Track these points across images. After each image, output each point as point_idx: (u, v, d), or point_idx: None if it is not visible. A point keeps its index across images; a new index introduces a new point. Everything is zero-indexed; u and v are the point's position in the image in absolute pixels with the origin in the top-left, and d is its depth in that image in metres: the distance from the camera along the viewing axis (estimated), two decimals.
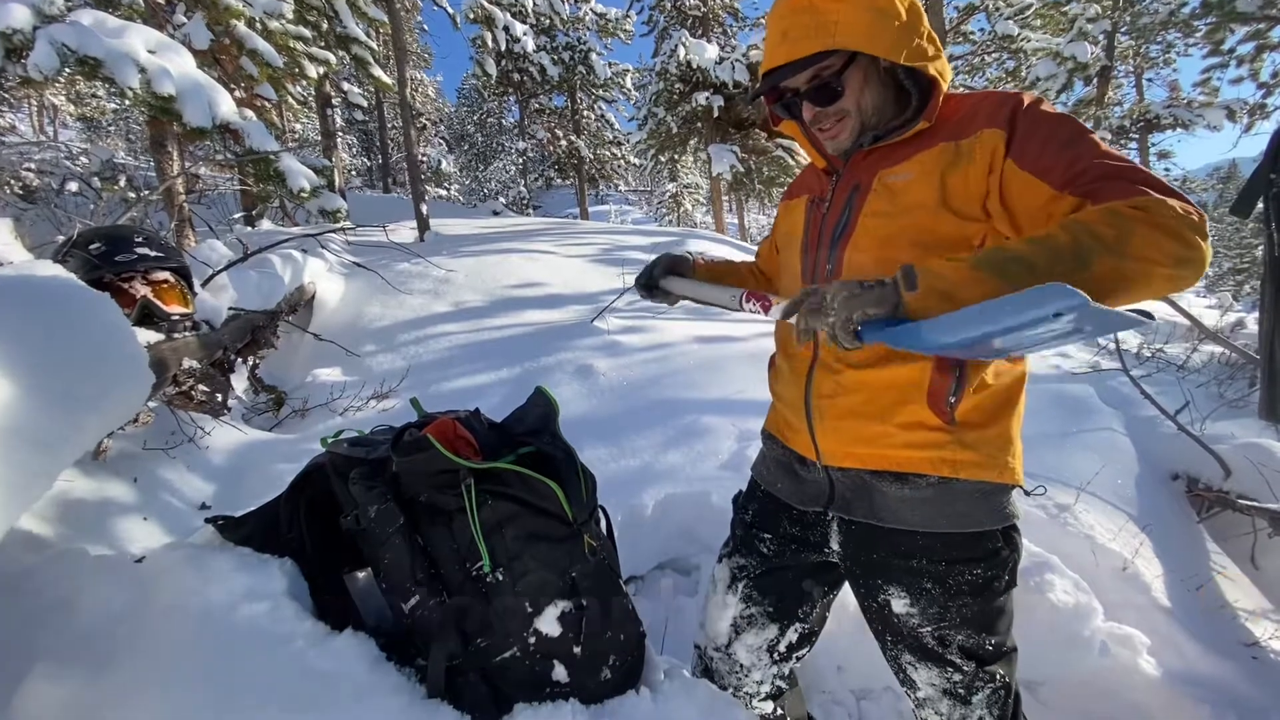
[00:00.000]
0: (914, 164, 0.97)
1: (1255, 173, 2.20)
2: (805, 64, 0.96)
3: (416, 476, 1.13)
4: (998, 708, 1.07)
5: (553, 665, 1.06)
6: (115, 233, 1.75)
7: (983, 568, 1.01)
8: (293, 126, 11.81)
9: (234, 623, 0.98)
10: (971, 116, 0.95)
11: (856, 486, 1.06)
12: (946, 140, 0.95)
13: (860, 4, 0.93)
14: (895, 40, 0.94)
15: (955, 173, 0.93)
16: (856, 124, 1.01)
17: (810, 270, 1.09)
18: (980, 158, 0.91)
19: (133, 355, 1.08)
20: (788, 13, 0.97)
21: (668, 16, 15.28)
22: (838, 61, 0.97)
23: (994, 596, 1.03)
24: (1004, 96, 0.94)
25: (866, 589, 1.12)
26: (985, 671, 1.05)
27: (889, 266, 0.88)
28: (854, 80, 0.98)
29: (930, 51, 0.96)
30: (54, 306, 0.97)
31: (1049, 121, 0.89)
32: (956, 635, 1.05)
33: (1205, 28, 8.57)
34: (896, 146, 1.00)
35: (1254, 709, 1.87)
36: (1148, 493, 2.81)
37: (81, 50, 3.06)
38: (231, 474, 2.40)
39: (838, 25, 0.93)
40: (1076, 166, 0.83)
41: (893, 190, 0.98)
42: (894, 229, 0.97)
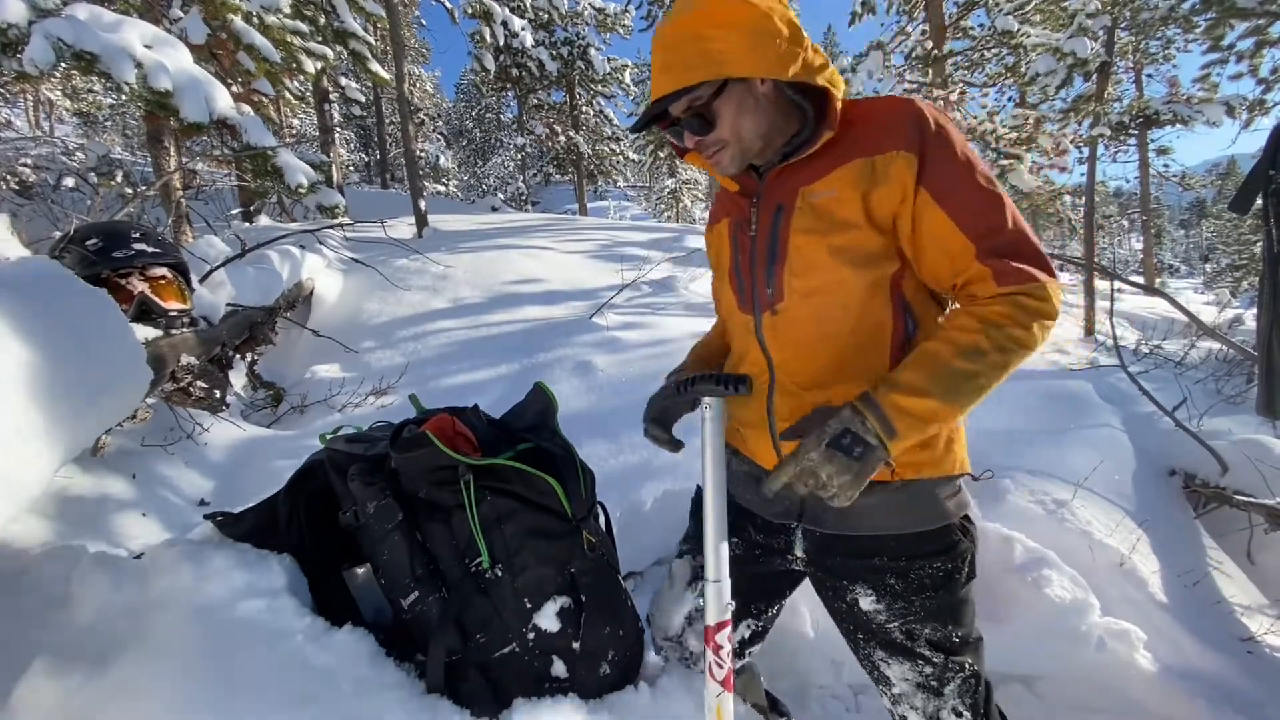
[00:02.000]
0: (834, 181, 0.98)
1: (1254, 169, 2.21)
2: (681, 94, 0.96)
3: (415, 473, 1.13)
4: (969, 696, 1.10)
5: (552, 661, 1.07)
6: (112, 229, 1.74)
7: (943, 560, 1.05)
8: (290, 122, 11.77)
9: (233, 618, 0.98)
10: (883, 129, 0.97)
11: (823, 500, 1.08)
12: (862, 156, 0.97)
13: (741, 31, 0.93)
14: (778, 60, 0.93)
15: (875, 192, 0.96)
16: (736, 151, 1.01)
17: (749, 296, 1.09)
18: (895, 180, 0.94)
19: (131, 351, 1.07)
20: (674, 43, 0.96)
21: (666, 11, 15.20)
22: (708, 91, 0.96)
23: (956, 589, 1.07)
24: (909, 112, 0.96)
25: (833, 591, 1.14)
26: (954, 662, 1.09)
27: (829, 289, 0.98)
28: (726, 109, 0.98)
29: (818, 63, 0.97)
30: (51, 303, 0.97)
31: (959, 155, 0.95)
32: (923, 629, 1.08)
33: (1205, 24, 8.55)
34: (810, 160, 1.01)
35: (1250, 703, 1.88)
36: (1145, 488, 2.82)
37: (77, 45, 3.04)
38: (230, 470, 2.40)
39: (723, 54, 0.93)
40: (984, 223, 0.92)
41: (817, 208, 0.99)
42: (827, 248, 0.98)
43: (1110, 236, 28.05)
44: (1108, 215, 23.40)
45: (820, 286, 1.00)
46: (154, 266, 1.71)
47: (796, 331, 1.04)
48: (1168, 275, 30.02)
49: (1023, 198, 12.38)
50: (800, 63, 0.95)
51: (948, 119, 0.97)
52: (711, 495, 0.97)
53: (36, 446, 0.81)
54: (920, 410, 0.88)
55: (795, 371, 1.05)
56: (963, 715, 1.11)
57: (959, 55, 11.54)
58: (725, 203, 1.19)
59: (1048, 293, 0.90)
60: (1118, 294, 6.94)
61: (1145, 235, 15.85)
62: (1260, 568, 2.66)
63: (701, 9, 0.95)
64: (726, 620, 0.98)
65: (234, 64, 5.11)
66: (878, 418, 0.88)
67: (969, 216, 0.92)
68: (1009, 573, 2.17)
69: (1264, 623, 2.25)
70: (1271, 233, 2.16)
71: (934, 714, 1.12)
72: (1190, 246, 45.26)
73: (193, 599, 1.01)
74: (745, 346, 1.13)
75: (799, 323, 1.03)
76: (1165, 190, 23.79)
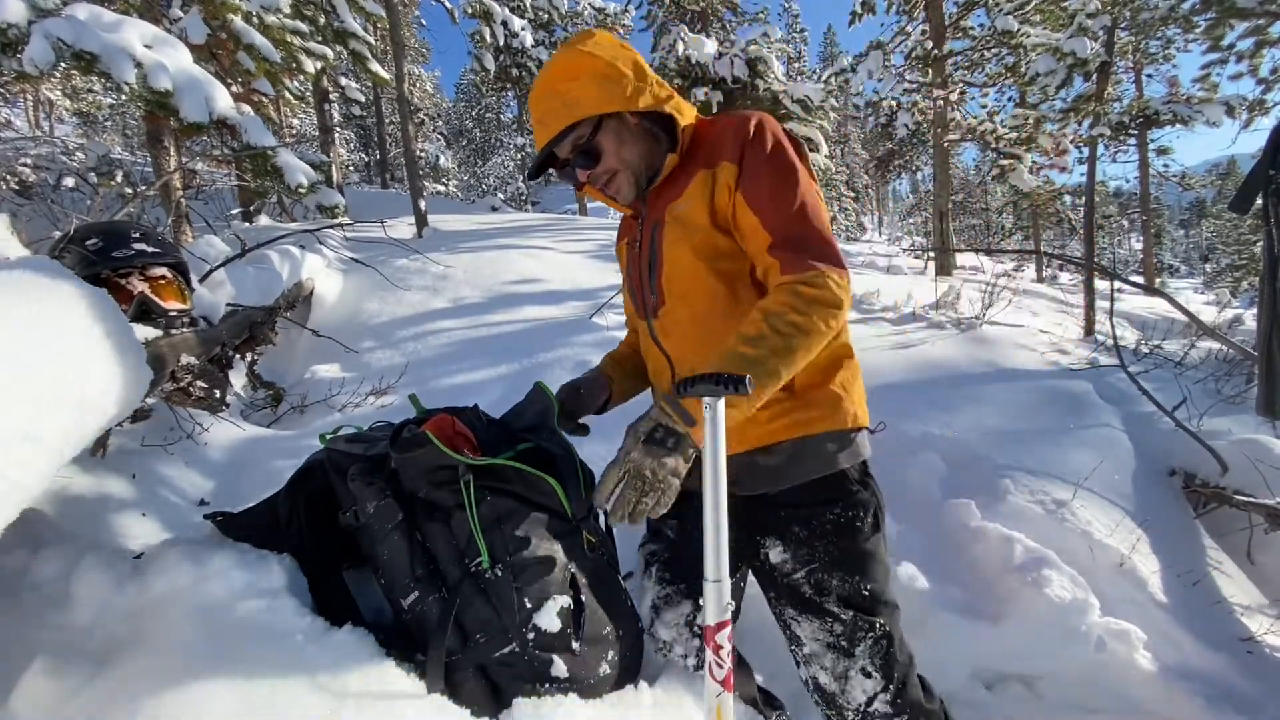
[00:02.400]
0: (689, 193, 1.14)
1: (1254, 169, 2.21)
2: (561, 137, 1.13)
3: (415, 473, 1.13)
4: (880, 657, 1.14)
5: (552, 661, 1.06)
6: (112, 228, 1.73)
7: (841, 508, 1.16)
8: (290, 122, 11.76)
9: (233, 618, 0.98)
10: (718, 144, 1.13)
11: (742, 466, 1.17)
12: (705, 168, 1.13)
13: (589, 78, 1.10)
14: (628, 95, 1.10)
15: (715, 198, 1.12)
16: (629, 176, 1.18)
17: (641, 304, 1.26)
18: (724, 186, 1.10)
19: (131, 351, 1.07)
20: (539, 100, 1.14)
21: (666, 11, 15.22)
22: (587, 129, 1.14)
23: (858, 537, 1.16)
24: (738, 125, 1.12)
25: (751, 550, 1.23)
26: (864, 620, 1.13)
27: (697, 288, 1.15)
28: (607, 141, 1.15)
29: (663, 95, 1.14)
30: (51, 302, 0.97)
31: (767, 159, 1.09)
32: (830, 580, 1.15)
33: (1205, 24, 8.54)
34: (675, 179, 1.17)
35: (1249, 703, 1.88)
36: (1145, 488, 2.82)
37: (77, 45, 3.04)
38: (230, 470, 2.40)
39: (577, 100, 1.10)
40: (780, 220, 1.06)
41: (680, 219, 1.15)
42: (688, 251, 1.14)
43: (1110, 236, 28.06)
44: (1108, 215, 23.40)
45: (690, 287, 1.16)
46: (154, 266, 1.71)
47: (681, 329, 1.18)
48: (1168, 275, 30.02)
49: (1023, 198, 12.40)
50: (649, 95, 1.12)
51: (775, 129, 1.13)
52: (711, 495, 0.97)
53: (36, 447, 0.81)
54: None
55: (690, 363, 1.17)
56: (872, 676, 1.14)
57: (959, 55, 11.53)
58: (625, 225, 1.36)
59: (826, 281, 1.01)
60: (1118, 294, 6.94)
61: (1145, 235, 15.85)
62: (1260, 568, 2.66)
63: (554, 68, 1.13)
64: (727, 620, 0.98)
65: (234, 64, 5.11)
66: (677, 410, 0.99)
67: (769, 215, 1.06)
68: (1009, 573, 2.17)
69: (1264, 623, 2.25)
70: (1272, 233, 2.16)
71: (843, 674, 1.15)
72: (1190, 246, 45.26)
73: (193, 599, 1.01)
74: (648, 347, 1.28)
75: (680, 321, 1.18)
76: (1165, 190, 23.80)
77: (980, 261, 13.22)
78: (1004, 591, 2.14)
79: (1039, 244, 16.87)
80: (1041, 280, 12.90)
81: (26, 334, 0.87)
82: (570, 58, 1.12)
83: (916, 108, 12.25)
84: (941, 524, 2.52)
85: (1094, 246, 6.08)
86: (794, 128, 9.03)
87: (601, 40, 1.15)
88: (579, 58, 1.12)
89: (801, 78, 24.97)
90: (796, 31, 32.03)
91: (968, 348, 4.30)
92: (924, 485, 2.76)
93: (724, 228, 1.13)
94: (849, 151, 25.98)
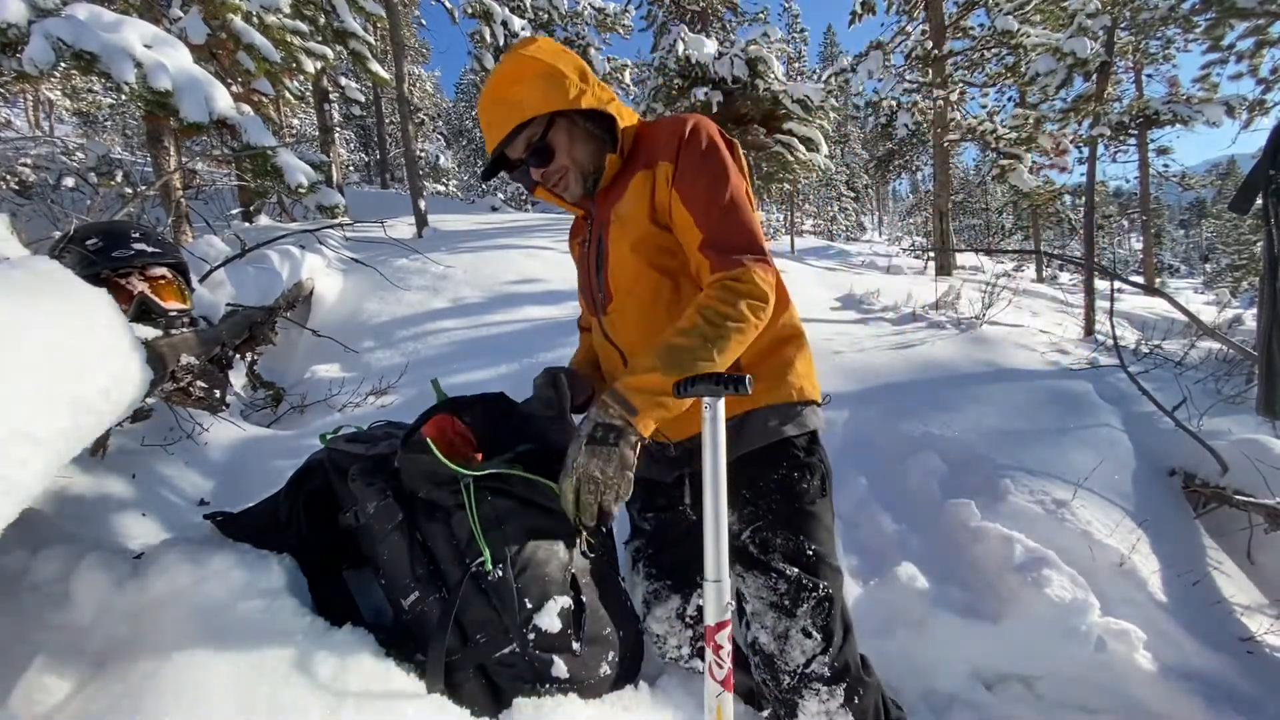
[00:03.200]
0: (630, 190, 1.19)
1: (1254, 169, 2.20)
2: (512, 137, 1.16)
3: (415, 473, 1.13)
4: (821, 618, 1.17)
5: (552, 661, 1.06)
6: (112, 228, 1.73)
7: (786, 468, 1.21)
8: (290, 122, 11.76)
9: (233, 618, 0.98)
10: (658, 143, 1.17)
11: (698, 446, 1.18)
12: (645, 168, 1.18)
13: (533, 79, 1.14)
14: (572, 96, 1.14)
15: (655, 196, 1.17)
16: (577, 174, 1.22)
17: (591, 302, 1.31)
18: (661, 184, 1.15)
19: (130, 351, 1.07)
20: (488, 105, 1.18)
21: (666, 11, 15.22)
22: (539, 128, 1.17)
23: (803, 497, 1.21)
24: (676, 126, 1.17)
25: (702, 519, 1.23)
26: (808, 580, 1.16)
27: (640, 283, 1.20)
28: (559, 139, 1.19)
29: (605, 97, 1.19)
30: (50, 302, 0.97)
31: (701, 157, 1.14)
32: (775, 538, 1.18)
33: (1205, 23, 8.53)
34: (619, 180, 1.22)
35: (1249, 703, 1.88)
36: (1145, 488, 2.82)
37: (77, 44, 3.04)
38: (230, 470, 2.40)
39: (523, 101, 1.14)
40: (710, 219, 1.12)
41: (622, 218, 1.20)
42: (629, 247, 1.19)
43: (1110, 236, 28.06)
44: (1108, 215, 23.39)
45: (634, 283, 1.21)
46: (154, 266, 1.71)
47: (628, 323, 1.24)
48: (1167, 275, 30.00)
49: (1023, 197, 12.39)
50: (591, 96, 1.16)
51: (711, 130, 1.17)
52: (711, 495, 0.98)
53: (35, 447, 0.81)
54: (650, 385, 1.03)
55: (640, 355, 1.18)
56: (812, 636, 1.16)
57: (959, 55, 11.53)
58: (577, 225, 1.40)
59: (751, 276, 1.08)
60: (1118, 294, 6.94)
61: (1145, 235, 15.85)
62: (1260, 567, 2.66)
63: (500, 75, 1.17)
64: (727, 620, 0.98)
65: (234, 64, 5.11)
66: (618, 401, 1.04)
67: (701, 213, 1.12)
68: (1009, 572, 2.17)
69: (1264, 622, 2.25)
70: (1272, 233, 2.16)
71: (784, 633, 1.17)
72: (1190, 246, 45.25)
73: (193, 599, 1.01)
74: (601, 343, 1.33)
75: (627, 316, 1.24)
76: (1165, 190, 23.79)
77: (980, 261, 13.23)
78: (1004, 591, 2.14)
79: (1039, 244, 16.86)
80: (1041, 280, 12.89)
81: (26, 334, 0.87)
82: (514, 62, 1.17)
83: (916, 108, 12.25)
84: (941, 524, 2.52)
85: (1094, 246, 6.08)
86: (794, 128, 9.04)
87: (544, 45, 1.20)
88: (522, 61, 1.16)
89: (801, 78, 24.96)
90: (796, 31, 32.01)
91: (968, 348, 4.30)
92: (924, 485, 2.76)
93: (663, 224, 1.18)
94: (849, 151, 25.98)
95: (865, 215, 32.09)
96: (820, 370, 1.38)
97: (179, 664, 0.87)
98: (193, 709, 0.81)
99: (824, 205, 27.70)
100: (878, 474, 2.89)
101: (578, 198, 1.26)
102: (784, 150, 10.57)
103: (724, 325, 1.05)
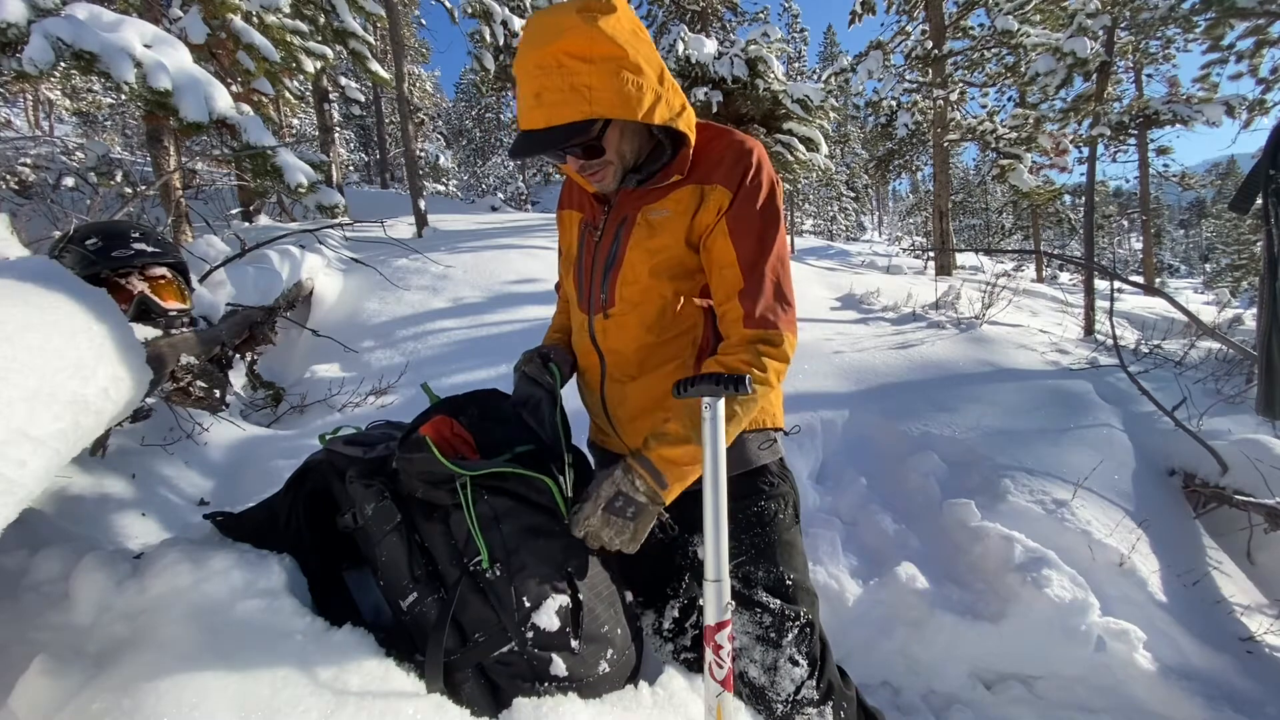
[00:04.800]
0: (671, 201, 1.12)
1: (1254, 169, 2.20)
2: (569, 130, 1.00)
3: (413, 473, 1.13)
4: (805, 645, 1.19)
5: (551, 659, 1.06)
6: (112, 228, 1.73)
7: (765, 500, 1.21)
8: (290, 121, 11.76)
9: (233, 618, 0.98)
10: (716, 163, 1.11)
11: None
12: (696, 183, 1.11)
13: (607, 69, 0.97)
14: (641, 104, 1.01)
15: (699, 215, 1.10)
16: (619, 169, 1.13)
17: (587, 297, 1.24)
18: (712, 206, 1.09)
19: (130, 351, 1.07)
20: (537, 72, 0.97)
21: (666, 11, 15.21)
22: (596, 128, 1.04)
23: (780, 528, 1.21)
24: (742, 155, 1.10)
25: (683, 548, 1.26)
26: (790, 610, 1.18)
27: (652, 297, 1.14)
28: (612, 137, 1.08)
29: (677, 105, 1.07)
30: (50, 302, 0.97)
31: (764, 200, 1.09)
32: (757, 571, 1.19)
33: (1205, 23, 8.53)
34: (656, 185, 1.14)
35: (1249, 702, 1.88)
36: (1145, 488, 2.82)
37: (77, 44, 3.04)
38: (230, 470, 2.40)
39: (591, 91, 0.97)
40: (757, 261, 1.08)
41: (653, 225, 1.13)
42: (654, 263, 1.13)
43: (1110, 236, 28.05)
44: (1107, 215, 23.39)
45: (644, 296, 1.15)
46: (154, 266, 1.71)
47: (625, 334, 1.18)
48: (1167, 275, 30.01)
49: (1022, 197, 12.39)
50: (664, 107, 1.04)
51: (773, 173, 1.13)
52: (711, 494, 0.98)
53: (34, 446, 0.81)
54: (683, 456, 1.03)
55: (622, 365, 1.21)
56: (799, 664, 1.18)
57: (959, 55, 11.53)
58: (579, 194, 1.28)
59: (783, 339, 1.08)
60: (1117, 294, 6.93)
61: (1145, 235, 15.84)
62: (1260, 567, 2.66)
63: (569, 39, 0.95)
64: (727, 620, 0.99)
65: (233, 63, 5.11)
66: (649, 471, 1.04)
67: (748, 254, 1.08)
68: (1009, 572, 2.17)
69: (1263, 622, 2.25)
70: (1272, 232, 2.16)
71: (772, 665, 1.18)
72: (1190, 246, 45.25)
73: (193, 599, 1.01)
74: (581, 341, 1.28)
75: (627, 327, 1.18)
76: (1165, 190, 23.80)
77: (980, 261, 13.22)
78: (1004, 591, 2.14)
79: (1039, 244, 16.86)
80: (1041, 280, 12.90)
81: (25, 334, 0.87)
82: (587, 32, 0.95)
83: (916, 107, 12.25)
84: (941, 524, 2.52)
85: (1094, 246, 6.08)
86: (794, 127, 9.03)
87: (624, 19, 1.00)
88: (596, 36, 0.96)
89: (801, 77, 24.96)
90: (796, 31, 32.01)
91: (967, 348, 4.30)
92: (924, 485, 2.76)
93: (695, 244, 1.13)
94: (849, 151, 25.97)
95: (865, 215, 32.08)
96: (820, 370, 1.40)
97: (178, 664, 0.87)
98: (192, 709, 0.81)
99: (824, 205, 27.70)
100: (878, 474, 2.89)
101: (610, 189, 1.16)
102: (784, 150, 10.58)
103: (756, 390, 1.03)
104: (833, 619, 2.09)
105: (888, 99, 12.64)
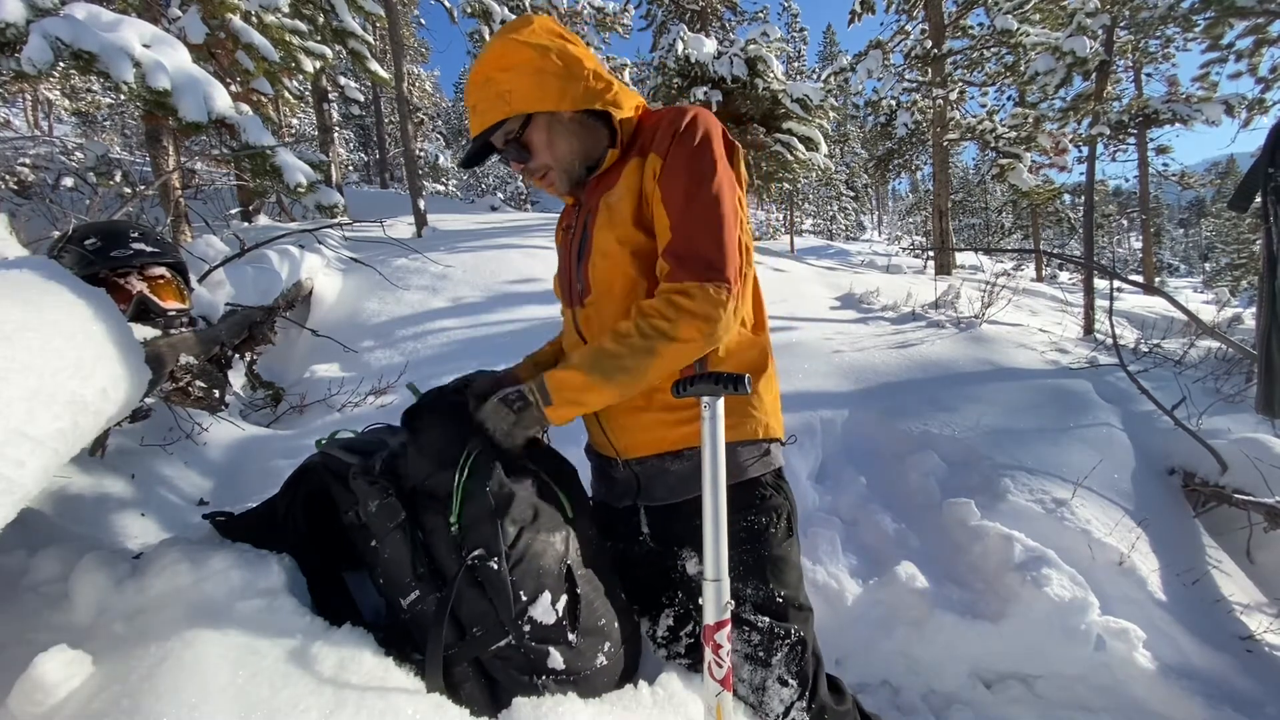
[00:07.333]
0: (622, 180, 1.12)
1: (1253, 168, 2.20)
2: (494, 129, 1.11)
3: (422, 450, 1.14)
4: (796, 664, 1.16)
5: (548, 652, 1.06)
6: (111, 228, 1.73)
7: (755, 513, 1.17)
8: (289, 121, 11.75)
9: (232, 617, 0.98)
10: (653, 133, 1.11)
11: (652, 473, 1.21)
12: (639, 156, 1.11)
13: (524, 70, 1.07)
14: (559, 92, 1.08)
15: (644, 185, 1.10)
16: (559, 172, 1.17)
17: (568, 292, 1.24)
18: (648, 176, 1.09)
19: (129, 351, 1.07)
20: (472, 89, 1.12)
21: (665, 10, 15.22)
22: (516, 124, 1.12)
23: (772, 543, 1.17)
24: (675, 116, 1.10)
25: (670, 561, 1.24)
26: (780, 628, 1.15)
27: (622, 280, 1.12)
28: (537, 137, 1.13)
29: (599, 88, 1.11)
30: (48, 302, 0.96)
31: (690, 155, 1.06)
32: (746, 588, 1.16)
33: (1204, 23, 8.54)
34: (612, 169, 1.16)
35: (1249, 701, 1.88)
36: (1144, 487, 2.83)
37: (75, 44, 3.03)
38: (229, 470, 2.40)
39: (511, 94, 1.08)
40: (681, 224, 1.05)
41: (611, 208, 1.13)
42: (613, 242, 1.13)
43: (1110, 235, 28.07)
44: (1107, 214, 23.40)
45: (613, 278, 1.14)
46: (153, 266, 1.70)
47: (604, 321, 1.16)
48: (1167, 274, 30.02)
49: (1022, 197, 12.39)
50: (582, 92, 1.09)
51: (709, 123, 1.10)
52: (710, 495, 0.98)
53: (33, 446, 0.81)
54: (570, 382, 1.05)
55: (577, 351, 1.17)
56: (789, 684, 1.15)
57: (958, 54, 11.53)
58: (566, 212, 1.33)
59: (702, 294, 1.02)
60: (1117, 293, 6.94)
61: (1144, 234, 15.85)
62: (1259, 566, 2.66)
63: (490, 57, 1.10)
64: (726, 620, 0.98)
65: (233, 63, 5.10)
66: (539, 388, 1.07)
67: (676, 215, 1.06)
68: (1009, 572, 2.17)
69: (1263, 621, 2.25)
70: (1271, 231, 2.16)
71: (760, 685, 1.16)
72: (1189, 245, 45.27)
73: (192, 599, 1.01)
74: (569, 337, 1.28)
75: (603, 313, 1.16)
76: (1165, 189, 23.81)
77: (980, 261, 13.23)
78: (1004, 591, 2.14)
79: (1038, 243, 16.86)
80: (1041, 279, 12.90)
81: (24, 334, 0.87)
82: (504, 46, 1.09)
83: (916, 107, 12.26)
84: (941, 523, 2.52)
85: (1093, 246, 6.08)
86: (793, 127, 9.04)
87: (539, 29, 1.11)
88: (512, 48, 1.08)
89: (801, 77, 24.95)
90: (796, 31, 32.02)
91: (967, 347, 4.31)
92: (924, 485, 2.76)
93: (647, 225, 1.12)
94: (849, 151, 25.97)
95: (865, 215, 32.09)
96: (820, 369, 1.38)
97: (178, 664, 0.87)
98: (192, 709, 0.81)
99: (824, 205, 27.70)
100: (878, 474, 2.89)
101: (565, 192, 1.21)
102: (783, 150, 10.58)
103: (654, 338, 1.02)
104: (833, 619, 2.09)
105: (887, 98, 12.65)
